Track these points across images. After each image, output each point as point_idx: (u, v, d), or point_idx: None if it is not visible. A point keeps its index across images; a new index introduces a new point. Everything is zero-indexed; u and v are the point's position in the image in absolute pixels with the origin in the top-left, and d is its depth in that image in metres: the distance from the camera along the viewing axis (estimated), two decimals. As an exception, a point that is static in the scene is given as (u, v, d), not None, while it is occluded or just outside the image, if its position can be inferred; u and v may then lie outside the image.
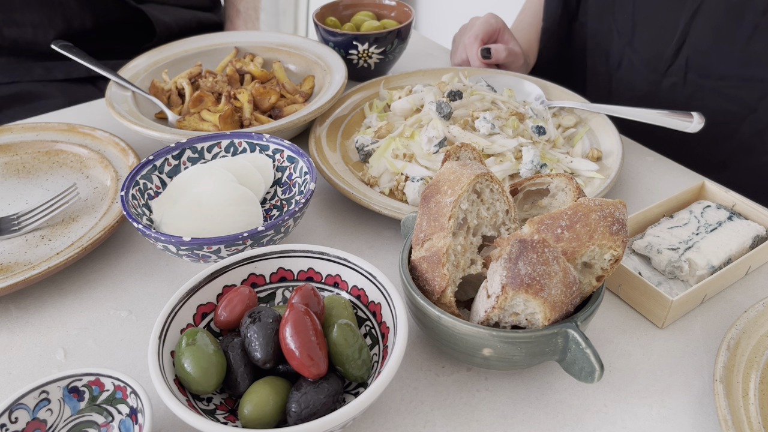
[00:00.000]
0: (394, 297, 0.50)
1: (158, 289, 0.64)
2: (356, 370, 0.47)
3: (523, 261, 0.44)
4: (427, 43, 1.19)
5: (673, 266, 0.60)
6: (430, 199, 0.51)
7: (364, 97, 0.90)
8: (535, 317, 0.46)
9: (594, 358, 0.45)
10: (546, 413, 0.51)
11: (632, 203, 0.75)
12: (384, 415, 0.51)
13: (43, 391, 0.47)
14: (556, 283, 0.45)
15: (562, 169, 0.75)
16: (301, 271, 0.56)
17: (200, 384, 0.46)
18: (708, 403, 0.52)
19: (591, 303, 0.49)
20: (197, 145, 0.70)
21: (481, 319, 0.48)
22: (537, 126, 0.77)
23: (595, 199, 0.49)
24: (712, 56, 0.87)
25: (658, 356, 0.56)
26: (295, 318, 0.46)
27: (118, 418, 0.47)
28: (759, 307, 0.56)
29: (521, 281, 0.44)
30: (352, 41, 0.94)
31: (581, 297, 0.49)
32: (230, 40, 1.00)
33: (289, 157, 0.70)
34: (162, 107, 0.86)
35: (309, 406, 0.44)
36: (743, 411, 0.49)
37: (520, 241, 0.45)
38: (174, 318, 0.50)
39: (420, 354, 0.56)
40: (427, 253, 0.50)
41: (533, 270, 0.44)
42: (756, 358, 0.53)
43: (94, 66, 0.91)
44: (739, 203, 0.68)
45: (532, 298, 0.45)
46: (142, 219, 0.62)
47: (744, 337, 0.54)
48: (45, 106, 1.03)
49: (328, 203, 0.76)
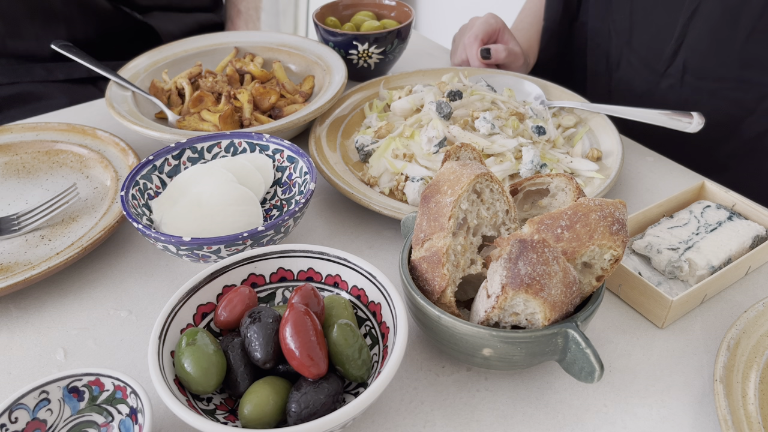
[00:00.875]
0: (394, 297, 0.50)
1: (158, 289, 0.64)
2: (356, 370, 0.47)
3: (523, 261, 0.44)
4: (427, 43, 1.19)
5: (673, 266, 0.60)
6: (430, 199, 0.51)
7: (364, 97, 0.90)
8: (535, 317, 0.46)
9: (594, 358, 0.45)
10: (546, 413, 0.51)
11: (632, 203, 0.75)
12: (384, 415, 0.51)
13: (43, 391, 0.47)
14: (556, 283, 0.45)
15: (562, 169, 0.75)
16: (301, 271, 0.56)
17: (200, 384, 0.46)
18: (708, 403, 0.52)
19: (591, 303, 0.49)
20: (197, 145, 0.70)
21: (481, 319, 0.48)
22: (537, 126, 0.77)
23: (595, 199, 0.49)
24: (710, 58, 0.87)
25: (658, 356, 0.56)
26: (295, 318, 0.46)
27: (118, 418, 0.47)
28: (759, 307, 0.56)
29: (521, 281, 0.44)
30: (352, 41, 0.94)
31: (581, 297, 0.49)
32: (230, 40, 1.00)
33: (289, 157, 0.70)
34: (162, 107, 0.86)
35: (309, 406, 0.44)
36: (743, 411, 0.49)
37: (520, 241, 0.45)
38: (174, 318, 0.50)
39: (420, 354, 0.56)
40: (427, 253, 0.50)
41: (533, 270, 0.44)
42: (756, 358, 0.53)
43: (94, 66, 0.91)
44: (739, 203, 0.68)
45: (532, 298, 0.45)
46: (142, 219, 0.62)
47: (744, 337, 0.54)
48: (46, 106, 1.03)
49: (328, 203, 0.76)
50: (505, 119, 0.77)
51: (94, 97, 1.05)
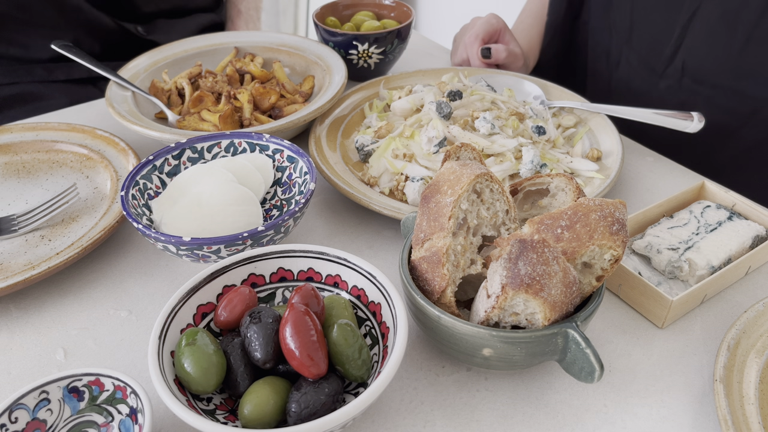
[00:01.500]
0: (394, 297, 0.50)
1: (158, 289, 0.64)
2: (356, 370, 0.47)
3: (523, 261, 0.44)
4: (427, 43, 1.19)
5: (673, 266, 0.60)
6: (430, 199, 0.51)
7: (364, 97, 0.90)
8: (535, 317, 0.46)
9: (594, 358, 0.45)
10: (546, 413, 0.51)
11: (632, 203, 0.75)
12: (384, 415, 0.51)
13: (43, 391, 0.47)
14: (556, 283, 0.45)
15: (562, 169, 0.75)
16: (301, 271, 0.56)
17: (200, 384, 0.46)
18: (708, 403, 0.52)
19: (591, 303, 0.49)
20: (197, 145, 0.70)
21: (481, 319, 0.48)
22: (537, 126, 0.77)
23: (595, 199, 0.49)
24: (707, 63, 0.87)
25: (658, 356, 0.56)
26: (295, 318, 0.46)
27: (118, 418, 0.47)
28: (759, 307, 0.56)
29: (521, 281, 0.44)
30: (352, 41, 0.94)
31: (581, 297, 0.49)
32: (230, 40, 1.00)
33: (289, 157, 0.70)
34: (162, 107, 0.86)
35: (309, 406, 0.44)
36: (743, 411, 0.49)
37: (520, 241, 0.45)
38: (174, 318, 0.50)
39: (420, 354, 0.56)
40: (427, 253, 0.50)
41: (533, 270, 0.44)
42: (756, 358, 0.53)
43: (94, 66, 0.91)
44: (739, 203, 0.68)
45: (532, 298, 0.45)
46: (142, 219, 0.62)
47: (744, 337, 0.54)
48: (46, 106, 1.03)
49: (328, 203, 0.76)
50: (505, 119, 0.77)
51: (95, 97, 1.05)
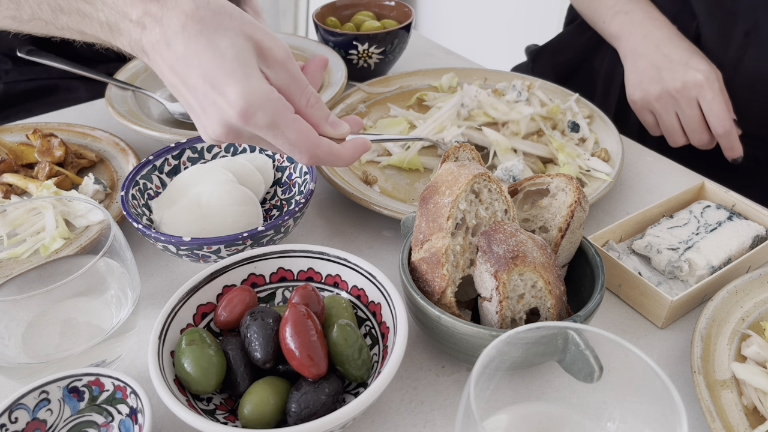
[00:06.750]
0: (394, 297, 0.50)
1: (158, 289, 0.64)
2: (356, 370, 0.47)
3: (496, 244, 0.47)
4: (427, 43, 1.19)
5: (673, 266, 0.60)
6: (428, 200, 0.51)
7: (364, 97, 0.90)
8: (538, 288, 0.48)
9: (593, 359, 0.45)
10: (546, 413, 0.51)
11: (632, 203, 0.75)
12: (384, 415, 0.51)
13: (43, 391, 0.47)
14: (532, 247, 0.48)
15: (576, 165, 0.74)
16: (301, 271, 0.56)
17: (200, 384, 0.46)
18: (708, 403, 0.52)
19: (591, 303, 0.49)
20: (197, 145, 0.70)
21: (496, 324, 0.48)
22: (572, 122, 0.77)
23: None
24: None
25: (658, 356, 0.56)
26: (295, 318, 0.46)
27: (118, 418, 0.47)
28: (723, 293, 0.57)
29: (505, 259, 0.46)
30: (352, 41, 0.94)
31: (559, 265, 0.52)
32: (230, 40, 0.99)
33: (288, 157, 0.70)
34: (161, 101, 0.86)
35: (309, 406, 0.44)
36: (724, 399, 0.49)
37: (483, 233, 0.48)
38: (174, 318, 0.50)
39: (420, 354, 0.56)
40: (427, 254, 0.50)
41: (508, 245, 0.47)
42: (728, 345, 0.54)
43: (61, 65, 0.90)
44: (739, 203, 0.68)
45: (525, 269, 0.46)
46: (142, 219, 0.62)
47: (714, 326, 0.55)
48: (66, 99, 1.01)
49: (328, 203, 0.76)
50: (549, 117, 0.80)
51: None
